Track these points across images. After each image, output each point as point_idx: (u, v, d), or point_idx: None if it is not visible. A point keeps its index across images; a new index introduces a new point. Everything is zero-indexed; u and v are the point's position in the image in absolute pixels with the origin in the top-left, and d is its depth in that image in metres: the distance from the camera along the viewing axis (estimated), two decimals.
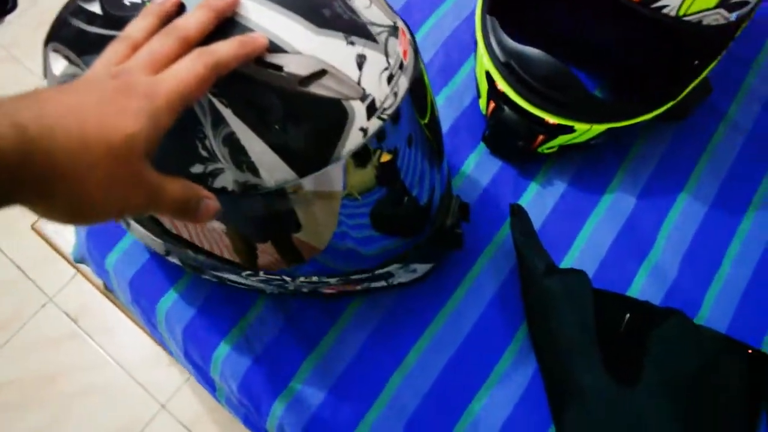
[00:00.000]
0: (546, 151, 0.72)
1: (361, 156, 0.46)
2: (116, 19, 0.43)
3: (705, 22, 0.60)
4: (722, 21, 0.61)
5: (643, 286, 0.69)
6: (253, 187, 0.43)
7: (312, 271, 0.56)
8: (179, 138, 0.42)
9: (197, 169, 0.43)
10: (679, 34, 0.61)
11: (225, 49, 0.37)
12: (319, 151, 0.43)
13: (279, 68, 0.40)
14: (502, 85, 0.68)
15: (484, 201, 0.73)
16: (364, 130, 0.44)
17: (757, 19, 0.87)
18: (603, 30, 0.72)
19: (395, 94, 0.45)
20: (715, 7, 0.60)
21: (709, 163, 0.78)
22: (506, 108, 0.69)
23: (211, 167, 0.43)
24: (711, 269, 0.71)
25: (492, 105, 0.71)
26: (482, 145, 0.75)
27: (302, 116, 0.42)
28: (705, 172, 0.77)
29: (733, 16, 0.61)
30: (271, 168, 0.42)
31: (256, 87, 0.41)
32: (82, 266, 1.02)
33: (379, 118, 0.44)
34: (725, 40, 0.66)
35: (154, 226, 0.54)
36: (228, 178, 0.43)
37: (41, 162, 0.29)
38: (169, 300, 0.65)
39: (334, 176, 0.45)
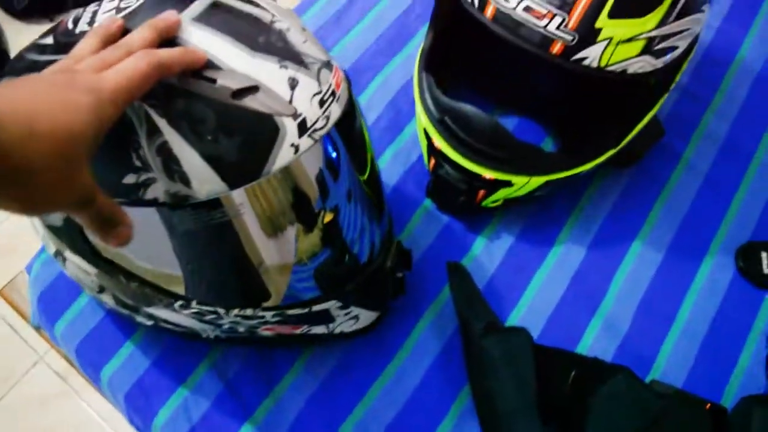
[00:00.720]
0: (491, 205, 0.71)
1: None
2: (65, 44, 0.45)
3: (630, 70, 0.60)
4: (649, 68, 0.60)
5: (594, 341, 0.67)
6: (184, 198, 0.44)
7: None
8: (114, 148, 0.43)
9: (130, 179, 0.44)
10: (605, 83, 0.61)
11: (168, 52, 0.40)
12: (251, 164, 0.44)
13: (213, 80, 0.42)
14: (438, 142, 0.68)
15: (431, 257, 0.72)
16: (295, 147, 0.45)
17: (714, 58, 0.87)
18: (537, 81, 0.72)
19: (327, 117, 0.47)
20: (639, 55, 0.59)
21: (664, 207, 0.76)
22: (445, 164, 0.69)
23: (143, 177, 0.44)
24: (667, 320, 0.69)
25: (432, 161, 0.70)
26: (429, 201, 0.74)
27: (234, 128, 0.43)
28: (660, 217, 0.75)
29: (660, 63, 0.61)
30: (203, 179, 0.43)
31: (190, 98, 0.42)
32: None
33: (310, 137, 0.46)
34: (659, 86, 0.65)
35: (87, 251, 0.53)
36: (159, 189, 0.44)
37: None
38: (111, 369, 0.65)
39: (264, 195, 0.46)
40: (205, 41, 0.43)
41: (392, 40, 0.88)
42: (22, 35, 1.76)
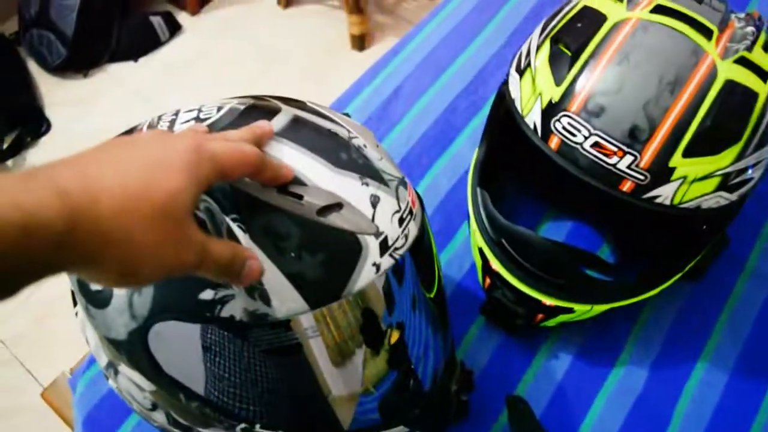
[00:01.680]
0: (549, 325, 0.68)
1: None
2: None
3: (704, 206, 0.57)
4: (724, 202, 0.58)
5: None
6: (262, 317, 0.43)
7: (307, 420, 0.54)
8: None
9: (207, 295, 0.42)
10: (677, 219, 0.58)
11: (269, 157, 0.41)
12: (333, 282, 0.43)
13: (299, 197, 0.42)
14: (495, 265, 0.65)
15: (488, 373, 0.69)
16: (376, 266, 0.44)
17: None
18: (600, 217, 0.70)
19: (406, 236, 0.47)
20: (714, 191, 0.56)
21: (729, 320, 0.73)
22: (502, 287, 0.66)
23: (221, 294, 0.42)
24: None
25: (488, 280, 0.68)
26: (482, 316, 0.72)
27: (318, 246, 0.42)
28: (725, 333, 0.72)
29: (735, 197, 0.58)
30: (284, 297, 0.42)
31: (274, 214, 0.42)
32: None
33: (391, 256, 0.45)
34: (730, 216, 0.62)
35: (148, 367, 0.51)
36: (237, 306, 0.42)
37: (87, 228, 0.29)
38: None
39: (343, 315, 0.46)
40: (288, 156, 0.43)
41: (438, 137, 0.86)
42: (56, 91, 1.79)
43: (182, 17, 2.04)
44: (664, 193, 0.55)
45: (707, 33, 0.56)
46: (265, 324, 0.43)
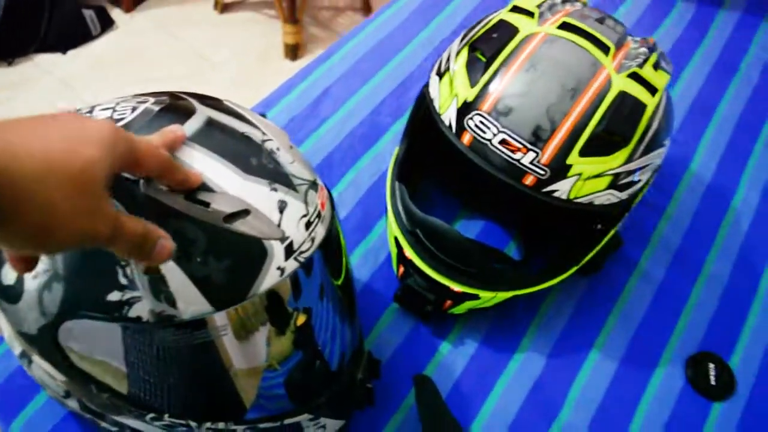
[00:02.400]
0: (456, 312, 0.73)
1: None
2: None
3: (597, 202, 0.63)
4: (614, 200, 0.64)
5: None
6: (168, 318, 0.44)
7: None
8: (100, 264, 0.43)
9: (114, 296, 0.44)
10: (572, 213, 0.64)
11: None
12: (237, 286, 0.45)
13: (206, 204, 0.43)
14: (409, 253, 0.70)
15: (398, 360, 0.73)
16: (281, 269, 0.46)
17: (669, 169, 0.92)
18: (507, 198, 0.75)
19: (312, 240, 0.49)
20: (606, 189, 0.63)
21: (620, 315, 0.79)
22: (415, 274, 0.70)
23: (128, 295, 0.44)
24: (622, 428, 0.72)
25: (401, 269, 0.72)
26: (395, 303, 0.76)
27: (224, 251, 0.44)
28: (616, 325, 0.79)
29: (624, 195, 0.64)
30: (189, 299, 0.44)
31: (182, 220, 0.43)
32: None
33: (296, 260, 0.47)
34: (621, 212, 0.69)
35: (59, 360, 0.52)
36: (144, 308, 0.44)
37: (6, 186, 0.30)
38: None
39: (247, 316, 0.47)
40: (199, 161, 0.44)
41: (363, 136, 0.90)
42: None
43: (116, 14, 2.03)
44: (561, 188, 0.61)
45: (605, 49, 0.63)
46: (172, 324, 0.45)
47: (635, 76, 0.63)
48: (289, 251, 0.47)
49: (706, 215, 0.90)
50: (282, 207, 0.47)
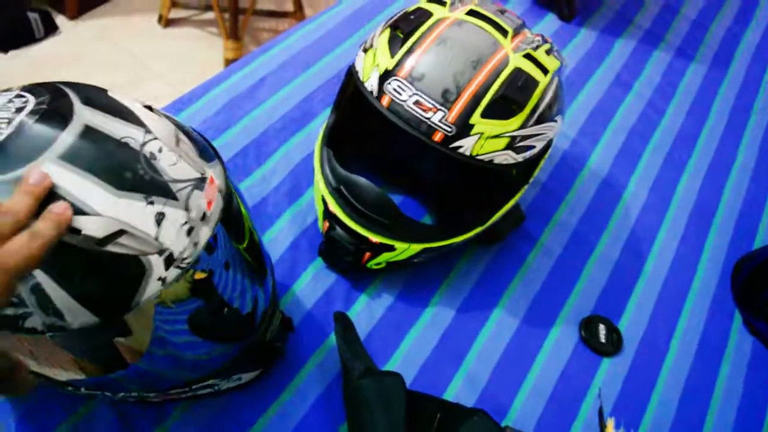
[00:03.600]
0: (374, 267, 0.80)
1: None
2: None
3: (496, 161, 0.72)
4: (511, 160, 0.73)
5: (458, 391, 0.77)
6: (60, 328, 0.47)
7: (131, 385, 0.59)
8: None
9: (9, 311, 0.46)
10: (475, 170, 0.73)
11: (50, 231, 0.44)
12: (118, 300, 0.48)
13: (78, 231, 0.45)
14: (333, 207, 0.77)
15: (317, 310, 0.79)
16: (162, 279, 0.48)
17: (569, 163, 1.04)
18: (421, 165, 0.84)
19: (195, 244, 0.50)
20: (504, 149, 0.72)
21: (522, 282, 0.89)
22: (337, 227, 0.78)
23: (20, 311, 0.46)
24: (520, 377, 0.80)
25: (326, 224, 0.79)
26: (319, 260, 0.83)
27: (100, 272, 0.46)
28: (518, 290, 0.88)
29: (520, 158, 0.74)
30: (75, 313, 0.47)
31: (59, 246, 0.45)
32: None
33: (178, 267, 0.49)
34: (518, 177, 0.78)
35: None
36: (37, 320, 0.47)
37: None
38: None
39: (135, 320, 0.50)
40: (71, 185, 0.45)
41: (296, 119, 0.98)
42: None
43: (60, 20, 2.06)
44: (465, 144, 0.70)
45: (504, 33, 0.74)
46: (64, 333, 0.47)
47: (529, 57, 0.74)
48: (170, 261, 0.48)
49: (601, 204, 1.02)
50: (160, 219, 0.48)
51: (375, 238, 0.76)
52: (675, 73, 1.31)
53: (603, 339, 0.86)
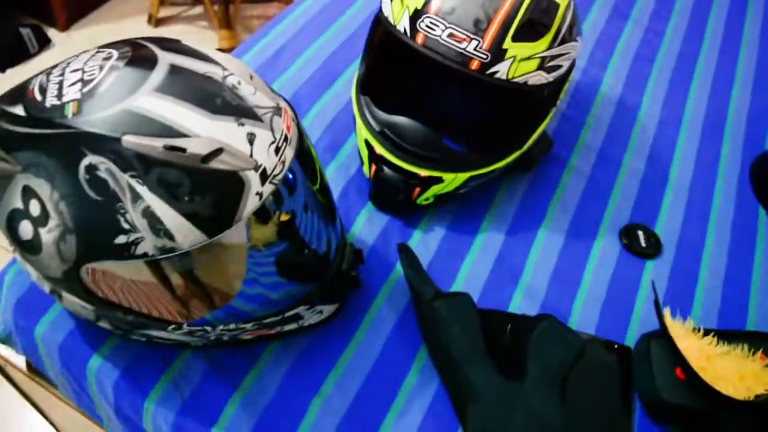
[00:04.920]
0: (424, 203, 0.84)
1: (262, 216, 0.56)
2: (39, 119, 0.51)
3: (530, 82, 0.76)
4: (543, 80, 0.78)
5: (520, 306, 0.81)
6: (170, 250, 0.52)
7: (230, 317, 0.63)
8: (104, 215, 0.50)
9: (121, 239, 0.51)
10: (511, 93, 0.77)
11: None
12: (224, 215, 0.52)
13: (183, 150, 0.49)
14: (379, 150, 0.81)
15: (377, 249, 0.84)
16: (259, 194, 0.53)
17: (583, 91, 1.08)
18: (457, 98, 0.88)
19: (283, 163, 0.55)
20: (536, 71, 0.76)
21: (560, 202, 0.93)
22: (385, 168, 0.82)
23: (133, 237, 0.51)
24: (574, 285, 0.84)
25: (373, 167, 0.83)
26: (370, 204, 0.87)
27: (206, 188, 0.51)
28: (557, 210, 0.92)
29: (551, 77, 0.78)
30: (184, 233, 0.51)
31: (166, 167, 0.49)
32: None
33: (271, 183, 0.54)
34: (549, 98, 0.83)
35: (86, 295, 0.58)
36: (148, 245, 0.51)
37: None
38: (98, 361, 0.70)
39: (238, 235, 0.54)
40: (171, 111, 0.50)
41: (321, 78, 1.02)
42: None
43: (52, 33, 2.07)
44: (501, 69, 0.74)
45: None
46: (174, 255, 0.52)
47: None
48: (264, 177, 0.53)
49: (619, 124, 1.07)
50: (251, 139, 0.52)
51: (424, 173, 0.80)
52: None
53: (643, 243, 0.90)
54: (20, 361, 0.84)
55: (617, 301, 0.84)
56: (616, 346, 0.78)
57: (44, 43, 2.01)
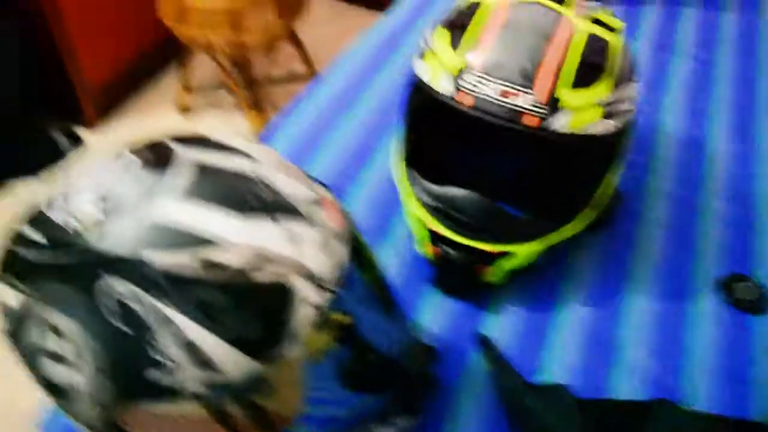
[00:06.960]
0: (493, 280, 0.75)
1: (318, 327, 0.46)
2: (59, 245, 0.44)
3: (595, 132, 0.68)
4: (611, 129, 0.69)
5: (622, 387, 0.70)
6: (218, 383, 0.43)
7: None
8: (136, 349, 0.42)
9: (158, 375, 0.43)
10: (575, 146, 0.68)
11: None
12: (273, 335, 0.44)
13: (219, 264, 0.42)
14: (437, 228, 0.72)
15: (448, 339, 0.73)
16: (311, 304, 0.45)
17: (642, 130, 0.99)
18: (515, 160, 0.80)
19: (333, 262, 0.47)
20: (600, 119, 0.68)
21: (642, 260, 0.83)
22: (446, 247, 0.73)
23: (172, 372, 0.42)
24: (677, 357, 0.73)
25: (434, 249, 0.74)
26: (431, 289, 0.77)
27: (249, 305, 0.43)
28: (641, 269, 0.81)
29: (620, 124, 0.70)
30: (234, 362, 0.43)
31: (201, 287, 0.42)
32: None
33: (322, 287, 0.46)
34: (616, 145, 0.73)
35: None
36: (190, 379, 0.43)
37: None
38: None
39: (294, 351, 0.45)
40: (200, 218, 0.43)
41: (357, 154, 0.96)
42: None
43: (82, 131, 2.09)
44: (560, 122, 0.65)
45: (560, 2, 0.71)
46: (226, 390, 0.44)
47: (596, 21, 0.70)
48: (312, 280, 0.45)
49: (687, 164, 0.97)
50: (293, 238, 0.45)
51: (491, 248, 0.71)
52: (709, 22, 1.27)
53: (748, 296, 0.79)
54: None
55: (730, 366, 0.72)
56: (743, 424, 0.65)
57: (77, 142, 2.01)
